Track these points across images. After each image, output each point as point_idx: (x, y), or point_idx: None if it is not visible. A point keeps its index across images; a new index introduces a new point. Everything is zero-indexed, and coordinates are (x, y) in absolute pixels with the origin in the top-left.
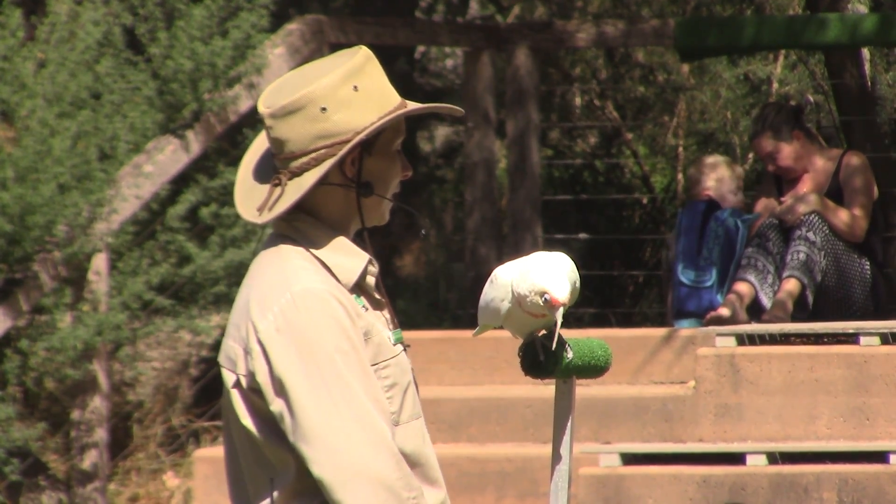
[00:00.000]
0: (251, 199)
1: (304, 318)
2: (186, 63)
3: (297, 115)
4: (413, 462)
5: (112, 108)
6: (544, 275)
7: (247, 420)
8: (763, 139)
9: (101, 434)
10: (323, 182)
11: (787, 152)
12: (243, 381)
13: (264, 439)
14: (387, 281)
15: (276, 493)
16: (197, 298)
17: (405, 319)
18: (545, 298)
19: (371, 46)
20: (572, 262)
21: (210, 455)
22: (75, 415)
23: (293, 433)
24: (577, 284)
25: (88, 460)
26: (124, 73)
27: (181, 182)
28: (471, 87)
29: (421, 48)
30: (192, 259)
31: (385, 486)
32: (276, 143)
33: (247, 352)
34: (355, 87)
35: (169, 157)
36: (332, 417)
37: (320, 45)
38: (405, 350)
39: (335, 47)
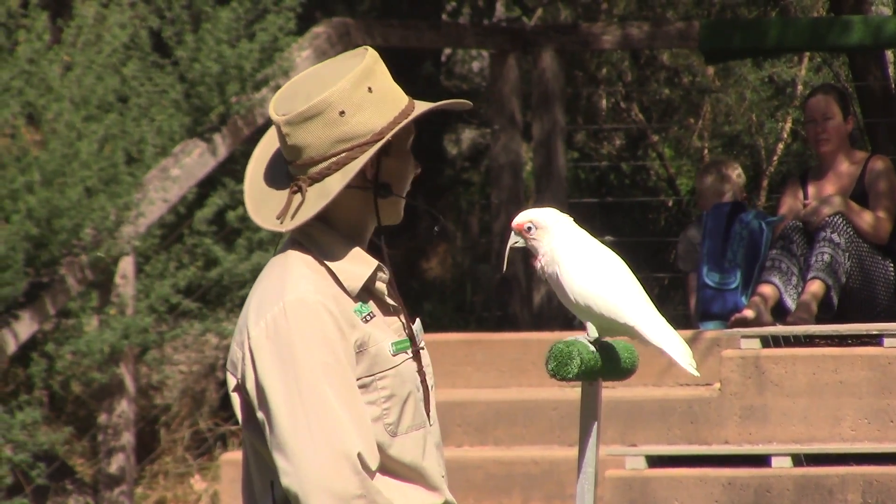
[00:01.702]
0: (267, 207)
1: (291, 328)
2: (213, 66)
3: (316, 121)
4: (411, 471)
5: (139, 111)
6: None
7: (246, 423)
8: (827, 98)
9: (127, 438)
10: (351, 185)
11: (837, 123)
12: (242, 385)
13: (262, 443)
14: (413, 284)
15: (276, 496)
16: (224, 301)
17: (431, 322)
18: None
19: (397, 49)
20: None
21: (237, 458)
22: (102, 418)
23: (269, 442)
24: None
25: (115, 464)
26: (151, 76)
27: (208, 185)
28: (497, 90)
29: (447, 51)
30: (219, 262)
31: (344, 502)
32: (294, 150)
33: (242, 356)
34: (370, 89)
35: (196, 161)
36: (302, 430)
37: (347, 48)
38: (415, 355)
39: None
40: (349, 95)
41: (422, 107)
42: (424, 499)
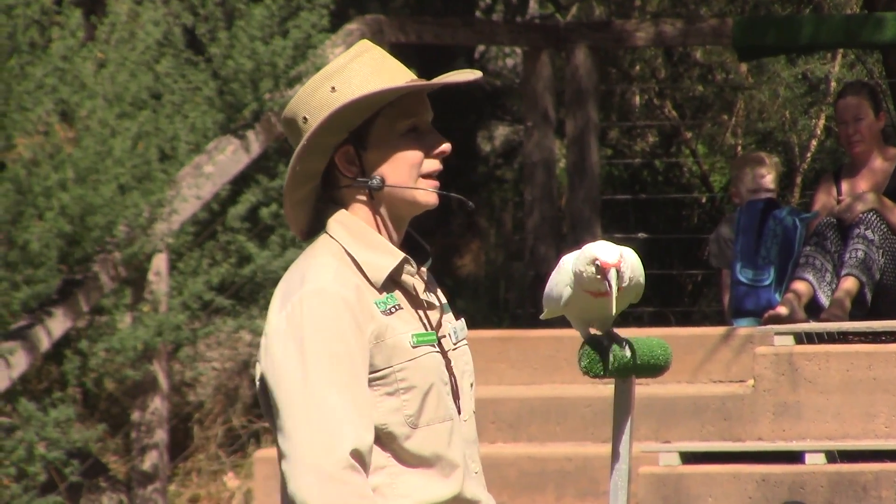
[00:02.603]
0: None
1: (305, 317)
2: (247, 63)
3: (291, 129)
4: (432, 464)
5: (172, 108)
6: (594, 245)
7: (267, 412)
8: (857, 98)
9: (161, 435)
10: (337, 186)
11: (869, 122)
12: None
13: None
14: (446, 280)
15: None
16: (257, 298)
17: (465, 319)
18: (596, 265)
19: (430, 46)
20: (636, 257)
21: (270, 455)
22: (135, 416)
23: (275, 428)
24: (642, 280)
25: (148, 461)
26: (184, 73)
27: (241, 182)
28: (530, 87)
29: (480, 48)
30: (252, 259)
31: (328, 490)
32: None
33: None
34: (333, 89)
35: (229, 158)
36: (301, 417)
37: (380, 45)
38: (443, 349)
39: (395, 47)
40: (308, 100)
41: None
42: (442, 491)
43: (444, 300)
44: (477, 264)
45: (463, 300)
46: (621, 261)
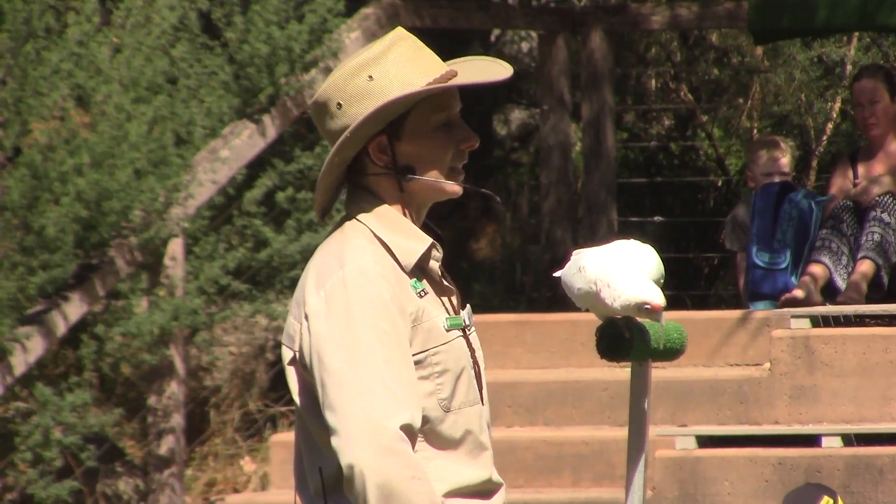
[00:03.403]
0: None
1: (350, 296)
2: (262, 47)
3: (321, 113)
4: (463, 447)
5: (188, 92)
6: (634, 287)
7: (299, 397)
8: (873, 81)
9: (177, 419)
10: (367, 173)
11: (885, 105)
12: (297, 357)
13: (312, 418)
14: (462, 264)
15: (325, 480)
16: (273, 283)
17: (481, 303)
18: (645, 308)
19: (446, 30)
20: (655, 254)
21: (287, 440)
22: (152, 400)
23: (322, 404)
24: (662, 279)
25: (165, 446)
26: (200, 57)
27: (257, 166)
28: (546, 71)
29: (496, 31)
30: (269, 243)
31: (386, 462)
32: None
33: (300, 327)
34: (370, 77)
35: (245, 142)
36: (353, 393)
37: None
38: (466, 334)
39: (411, 31)
40: (343, 87)
41: (460, 77)
42: (474, 474)
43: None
44: (493, 248)
45: (479, 284)
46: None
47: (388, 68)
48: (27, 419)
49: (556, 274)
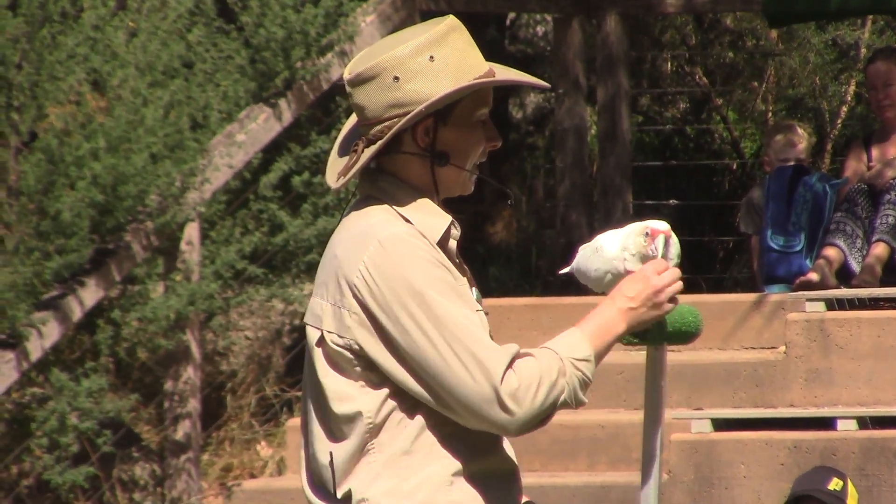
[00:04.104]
0: (336, 167)
1: (394, 260)
2: (278, 31)
3: (372, 84)
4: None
5: (204, 77)
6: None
7: (326, 378)
8: (887, 64)
9: (193, 404)
10: (399, 151)
11: None
12: (327, 338)
13: (337, 401)
14: (478, 248)
15: (335, 466)
16: (289, 267)
17: (497, 286)
18: (646, 233)
19: (461, 14)
20: (672, 233)
21: None
22: (168, 385)
23: (405, 381)
24: (679, 259)
25: (181, 431)
26: (216, 41)
27: (273, 151)
28: (561, 54)
29: (511, 15)
30: (285, 228)
31: (528, 397)
32: (357, 110)
33: (339, 307)
34: (431, 58)
35: (261, 126)
36: (449, 355)
37: (411, 13)
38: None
39: (426, 15)
40: (405, 62)
41: (483, 80)
42: (490, 456)
43: None
44: (509, 232)
45: (495, 267)
46: (671, 234)
47: (449, 53)
48: (43, 405)
49: (563, 271)
